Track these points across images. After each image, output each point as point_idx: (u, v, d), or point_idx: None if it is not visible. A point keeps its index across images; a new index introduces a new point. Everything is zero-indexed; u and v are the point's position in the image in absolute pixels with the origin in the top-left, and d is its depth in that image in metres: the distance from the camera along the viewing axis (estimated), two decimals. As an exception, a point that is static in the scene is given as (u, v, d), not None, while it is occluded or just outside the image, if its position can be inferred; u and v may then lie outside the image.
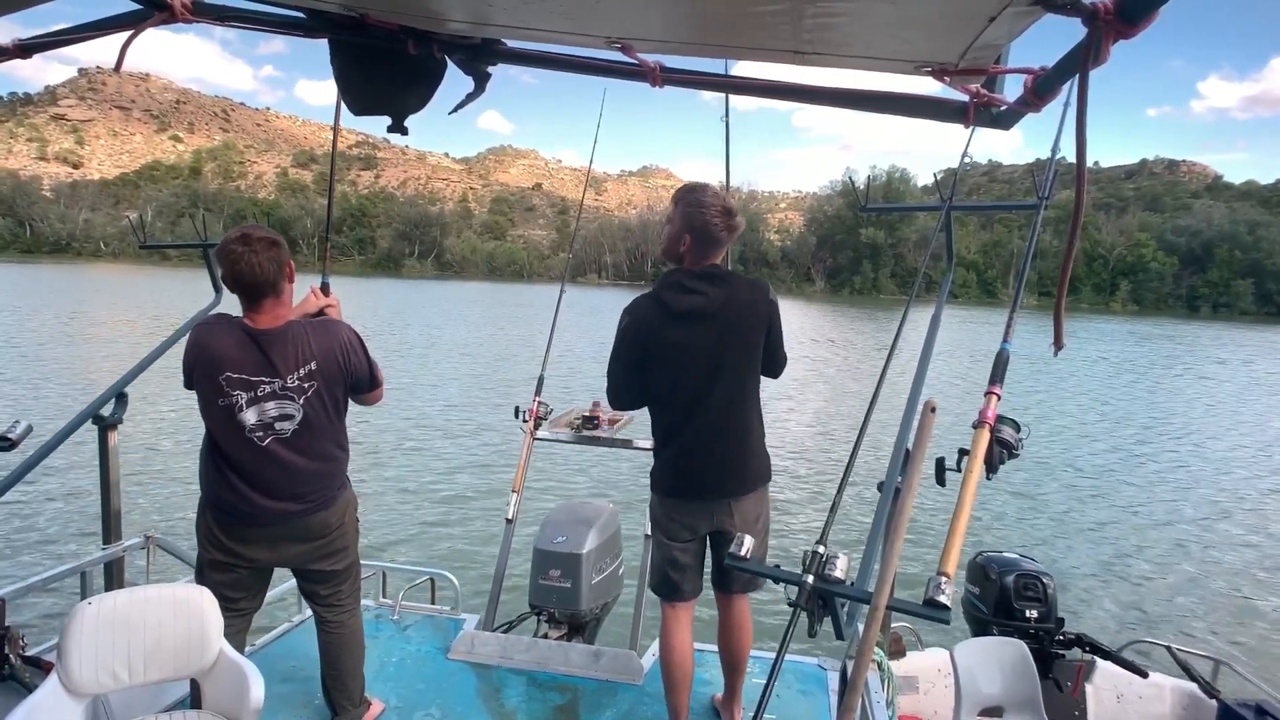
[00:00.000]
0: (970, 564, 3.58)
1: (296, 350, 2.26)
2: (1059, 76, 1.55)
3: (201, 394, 2.27)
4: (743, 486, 2.51)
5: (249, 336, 2.24)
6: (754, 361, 2.48)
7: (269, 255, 2.21)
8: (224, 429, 2.26)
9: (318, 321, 2.42)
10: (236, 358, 2.23)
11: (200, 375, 2.25)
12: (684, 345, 2.42)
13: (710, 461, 2.47)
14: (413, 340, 26.74)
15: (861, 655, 1.67)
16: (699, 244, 2.44)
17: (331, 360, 2.31)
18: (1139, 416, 17.81)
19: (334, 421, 2.38)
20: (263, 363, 2.24)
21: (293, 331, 2.28)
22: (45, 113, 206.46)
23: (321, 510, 2.39)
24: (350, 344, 2.38)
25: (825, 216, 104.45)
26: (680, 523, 2.54)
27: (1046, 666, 3.13)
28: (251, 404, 2.24)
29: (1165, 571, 8.03)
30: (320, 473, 2.37)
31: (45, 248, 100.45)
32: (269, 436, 2.26)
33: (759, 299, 2.47)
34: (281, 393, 2.25)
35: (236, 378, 2.23)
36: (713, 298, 2.41)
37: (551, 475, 9.88)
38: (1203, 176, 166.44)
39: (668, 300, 2.44)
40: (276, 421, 2.26)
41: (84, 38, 1.99)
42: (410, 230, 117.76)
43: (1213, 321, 73.96)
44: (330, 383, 2.32)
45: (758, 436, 2.54)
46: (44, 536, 7.36)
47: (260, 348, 2.24)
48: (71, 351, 19.72)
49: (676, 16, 1.80)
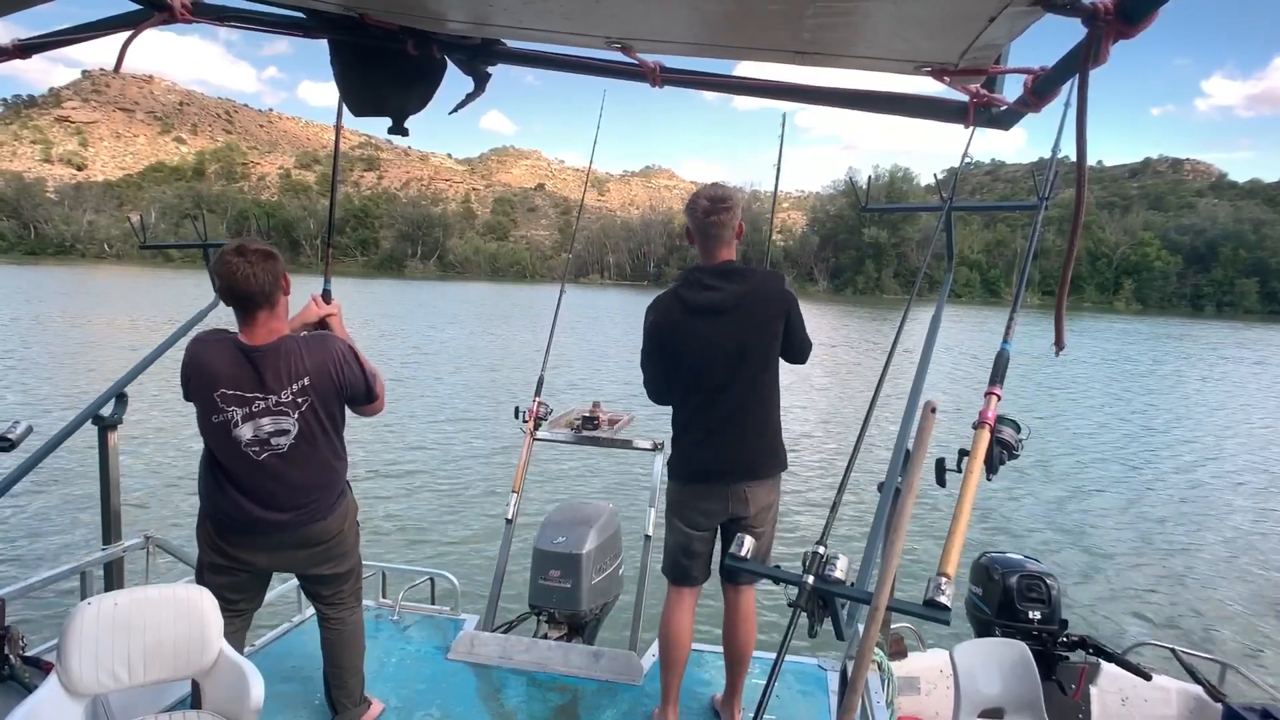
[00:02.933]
0: (974, 564, 3.56)
1: (290, 367, 2.26)
2: (1059, 76, 1.54)
3: (198, 409, 2.28)
4: (758, 471, 2.58)
5: (242, 354, 2.24)
6: (772, 353, 2.56)
7: (263, 268, 2.21)
8: (220, 444, 2.27)
9: (312, 336, 2.40)
10: (231, 374, 2.23)
11: (196, 391, 2.27)
12: (703, 339, 2.52)
13: (727, 447, 2.55)
14: (413, 340, 26.76)
15: (862, 656, 1.67)
16: (700, 239, 2.59)
17: (325, 376, 2.31)
18: (1146, 417, 17.76)
19: (330, 435, 2.37)
20: (256, 380, 2.23)
21: (285, 348, 2.27)
22: (49, 115, 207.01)
23: (321, 520, 2.40)
24: (345, 358, 2.36)
25: (828, 216, 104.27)
26: (697, 509, 2.62)
27: (1049, 668, 3.11)
28: (247, 420, 2.24)
29: (1170, 573, 8.01)
30: (317, 484, 2.37)
31: (49, 249, 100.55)
32: (265, 452, 2.27)
33: (775, 291, 2.55)
34: (276, 409, 2.25)
35: (231, 394, 2.23)
36: (729, 293, 2.51)
37: (551, 475, 9.88)
38: (1207, 175, 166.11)
39: (686, 296, 2.56)
40: (272, 437, 2.26)
41: (84, 38, 1.99)
42: (413, 231, 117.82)
43: (1217, 320, 73.77)
44: (325, 398, 2.31)
45: (775, 427, 2.62)
46: (44, 536, 7.38)
47: (253, 365, 2.23)
48: (72, 352, 19.73)
49: (676, 17, 1.80)
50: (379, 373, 2.50)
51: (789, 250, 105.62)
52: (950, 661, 2.84)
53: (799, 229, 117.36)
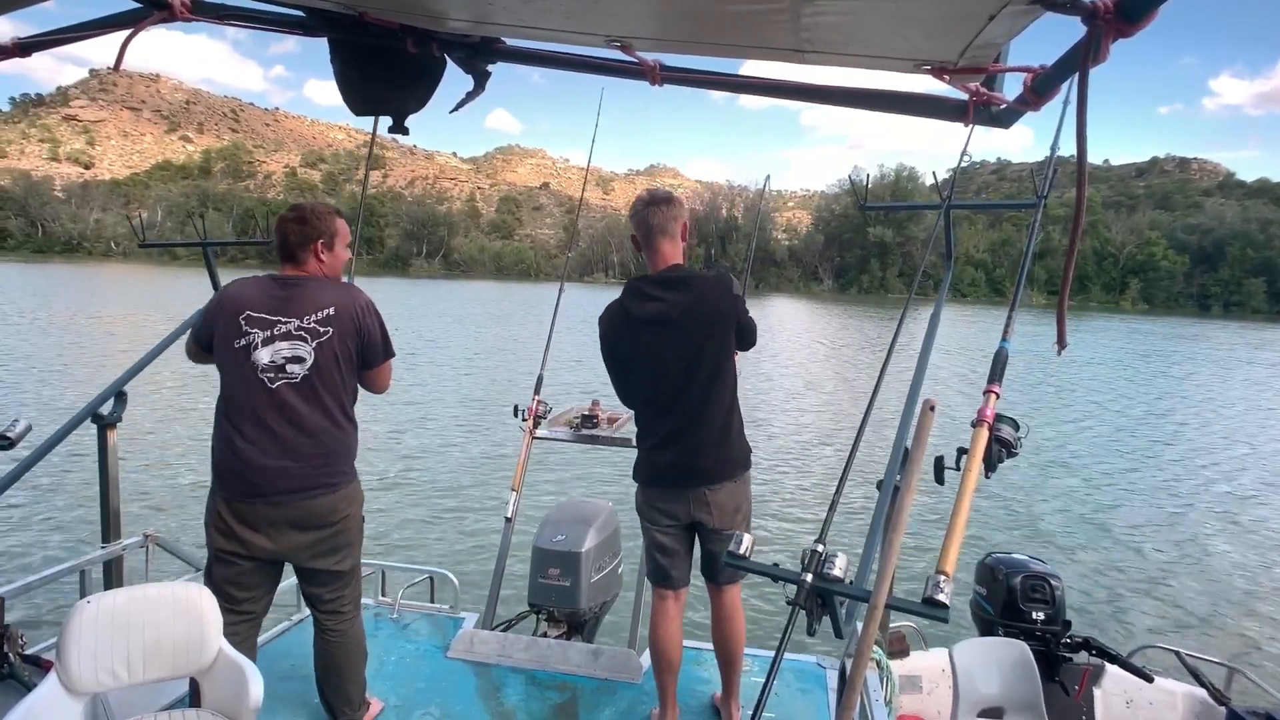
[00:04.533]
0: (979, 565, 3.56)
1: (315, 296, 2.38)
2: (1058, 75, 1.54)
3: (220, 339, 2.35)
4: (715, 476, 2.55)
5: (274, 281, 2.40)
6: (725, 359, 2.53)
7: (301, 226, 2.42)
8: (237, 372, 2.33)
9: (341, 283, 2.53)
10: (259, 299, 2.36)
11: (222, 317, 2.36)
12: (652, 350, 2.49)
13: (683, 455, 2.53)
14: (414, 340, 26.75)
15: (860, 654, 1.67)
16: (643, 239, 2.58)
17: (348, 314, 2.40)
18: (1155, 418, 17.65)
19: (344, 376, 2.41)
20: (283, 301, 2.35)
21: (315, 281, 2.42)
22: (57, 113, 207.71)
23: (327, 493, 2.37)
24: (368, 307, 2.46)
25: (833, 215, 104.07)
26: (659, 510, 2.62)
27: (1052, 669, 3.11)
28: (267, 343, 2.32)
29: (1176, 575, 7.97)
30: (324, 436, 2.36)
31: (57, 248, 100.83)
32: (279, 379, 2.31)
33: (722, 298, 2.51)
34: (297, 333, 2.33)
35: (256, 316, 2.33)
36: (673, 303, 2.47)
37: (551, 474, 9.88)
38: (1214, 174, 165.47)
39: (630, 308, 2.53)
40: (288, 363, 2.32)
41: (83, 36, 2.00)
42: (418, 230, 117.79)
43: (1224, 320, 73.40)
44: (344, 334, 2.38)
45: (735, 429, 2.59)
46: (43, 535, 7.40)
47: (283, 288, 2.37)
48: (71, 350, 19.76)
49: (675, 15, 1.80)
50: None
51: (794, 249, 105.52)
52: (950, 660, 2.84)
53: (804, 228, 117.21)
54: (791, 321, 42.37)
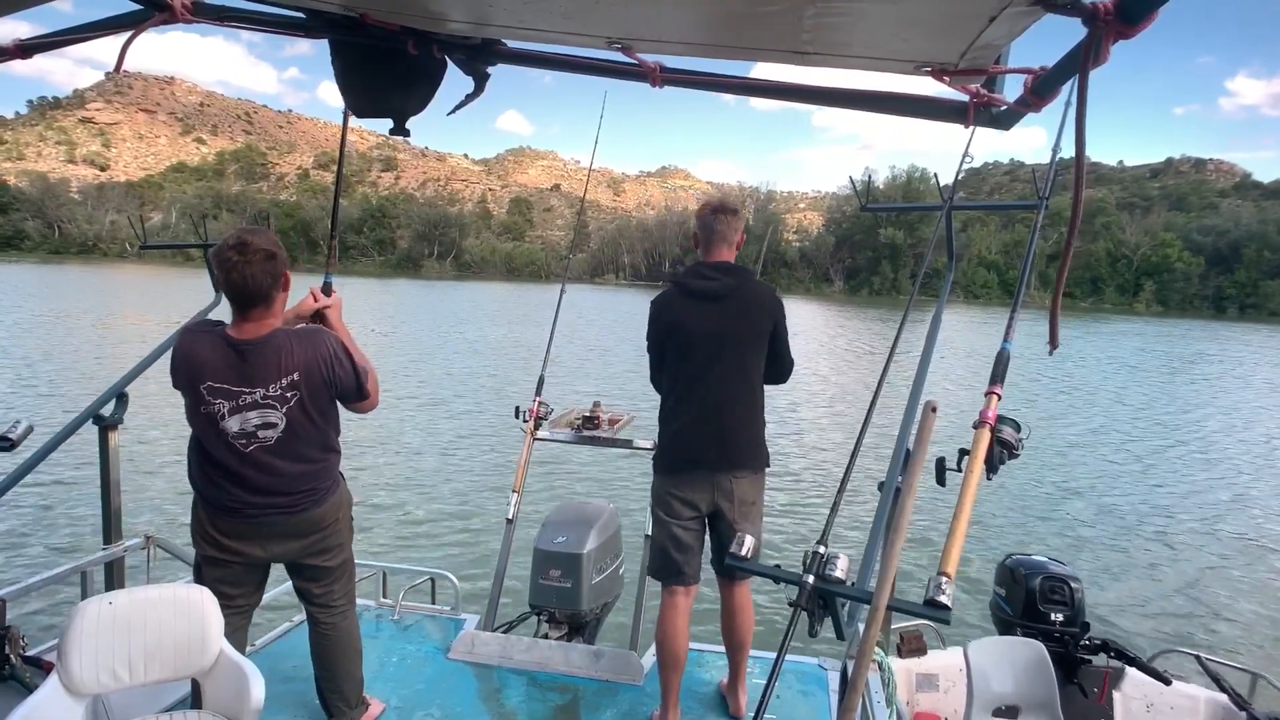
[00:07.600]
0: (999, 566, 3.57)
1: (279, 361, 2.23)
2: (1059, 76, 1.52)
3: (185, 400, 2.28)
4: (741, 461, 2.66)
5: (231, 348, 2.22)
6: (756, 348, 2.69)
7: (263, 267, 2.19)
8: (207, 435, 2.27)
9: (304, 330, 2.36)
10: (218, 367, 2.21)
11: (183, 382, 2.25)
12: (693, 322, 2.69)
13: (708, 435, 2.64)
14: (416, 340, 26.78)
15: (862, 655, 1.66)
16: (704, 238, 2.83)
17: (315, 372, 2.27)
18: (1173, 421, 17.42)
19: (320, 428, 2.35)
20: (244, 373, 2.21)
21: (275, 342, 2.24)
22: (73, 116, 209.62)
23: (312, 509, 2.38)
24: (335, 355, 2.32)
25: (844, 216, 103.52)
26: (681, 499, 2.68)
27: (1072, 671, 3.10)
28: (234, 413, 2.22)
29: (1197, 579, 7.88)
30: (307, 474, 2.36)
31: (73, 249, 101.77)
32: (252, 444, 2.25)
33: (767, 296, 2.75)
34: (264, 402, 2.23)
35: (218, 387, 2.21)
36: (724, 284, 2.71)
37: (552, 475, 9.86)
38: (1230, 175, 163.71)
39: (685, 283, 2.78)
40: (259, 430, 2.24)
41: (84, 38, 2.00)
42: (429, 231, 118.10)
43: (1240, 323, 72.64)
44: (314, 392, 2.29)
45: (758, 422, 2.72)
46: (44, 536, 7.42)
47: (241, 358, 2.21)
48: (73, 351, 19.79)
49: (676, 17, 1.79)
50: (372, 368, 2.46)
51: (805, 251, 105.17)
52: (964, 658, 2.82)
53: (815, 229, 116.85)
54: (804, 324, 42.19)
